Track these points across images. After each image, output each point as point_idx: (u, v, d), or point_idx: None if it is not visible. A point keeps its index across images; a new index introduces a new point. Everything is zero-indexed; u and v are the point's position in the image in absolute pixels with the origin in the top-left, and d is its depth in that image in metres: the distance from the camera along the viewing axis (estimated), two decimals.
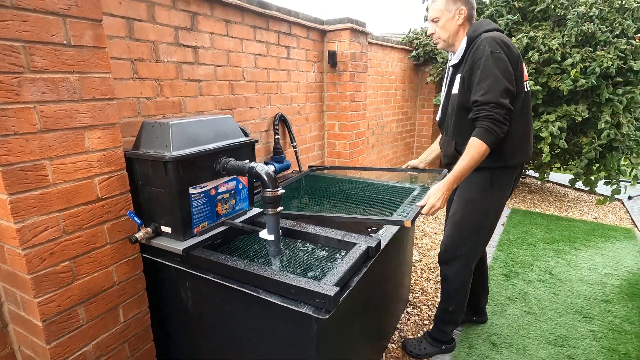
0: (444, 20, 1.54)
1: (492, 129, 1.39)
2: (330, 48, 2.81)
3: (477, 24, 1.53)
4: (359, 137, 3.09)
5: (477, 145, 1.40)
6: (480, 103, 1.41)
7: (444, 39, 1.57)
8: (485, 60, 1.40)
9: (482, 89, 1.40)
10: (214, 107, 1.91)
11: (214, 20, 1.83)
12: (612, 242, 3.19)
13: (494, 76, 1.39)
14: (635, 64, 3.27)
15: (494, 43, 1.41)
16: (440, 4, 1.53)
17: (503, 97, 1.38)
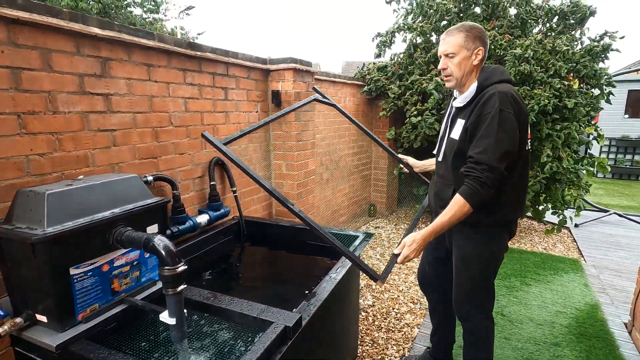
0: (460, 57, 1.42)
1: (478, 191, 1.32)
2: (274, 87, 2.73)
3: (489, 71, 1.44)
4: (307, 176, 2.99)
5: (461, 204, 1.34)
6: (474, 161, 1.34)
7: (457, 77, 1.45)
8: (492, 116, 1.32)
9: (481, 147, 1.33)
10: (132, 158, 1.74)
11: (132, 65, 1.69)
12: (561, 275, 3.23)
13: (497, 136, 1.31)
14: (569, 102, 3.45)
15: (506, 100, 1.33)
16: (459, 39, 1.41)
17: (499, 161, 1.31)
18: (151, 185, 1.82)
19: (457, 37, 1.42)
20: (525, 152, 1.46)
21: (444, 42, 1.46)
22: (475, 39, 1.41)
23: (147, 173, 1.81)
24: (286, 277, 2.02)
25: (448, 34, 1.45)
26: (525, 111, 1.41)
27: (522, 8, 3.90)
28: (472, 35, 1.41)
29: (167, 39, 1.85)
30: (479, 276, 1.56)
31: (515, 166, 1.42)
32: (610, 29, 3.75)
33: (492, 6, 3.96)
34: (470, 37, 1.41)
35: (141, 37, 1.70)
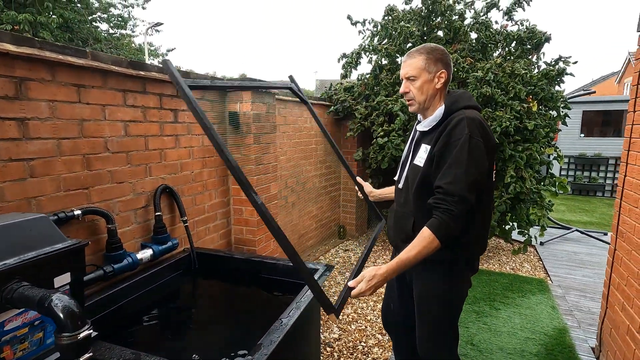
0: (421, 81, 1.34)
1: (448, 225, 1.21)
2: (232, 109, 2.59)
3: (456, 96, 1.36)
4: (270, 201, 2.83)
5: (429, 240, 1.21)
6: (444, 192, 1.23)
7: (420, 101, 1.37)
8: (462, 144, 1.23)
9: (449, 177, 1.23)
10: (56, 190, 1.52)
11: (57, 85, 1.50)
12: (529, 297, 3.20)
13: (466, 166, 1.22)
14: (529, 124, 3.52)
15: (475, 127, 1.25)
16: (419, 62, 1.33)
17: (469, 192, 1.21)
18: (80, 220, 1.60)
19: (417, 60, 1.34)
20: (490, 184, 1.38)
21: (405, 64, 1.37)
22: (437, 61, 1.34)
23: (74, 206, 1.59)
24: (239, 317, 1.82)
25: (409, 56, 1.37)
26: (493, 140, 1.34)
27: (482, 33, 4.01)
28: (434, 58, 1.33)
29: (103, 58, 1.67)
30: (442, 317, 1.44)
31: (482, 198, 1.33)
32: (563, 54, 3.91)
33: (454, 30, 4.05)
34: (431, 60, 1.33)
35: (69, 55, 1.52)
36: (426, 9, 4.03)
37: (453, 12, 4.05)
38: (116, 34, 14.57)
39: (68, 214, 1.52)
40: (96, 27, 13.46)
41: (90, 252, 1.69)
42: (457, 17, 4.07)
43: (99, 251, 1.73)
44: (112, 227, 1.70)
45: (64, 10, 11.12)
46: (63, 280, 1.11)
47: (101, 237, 1.73)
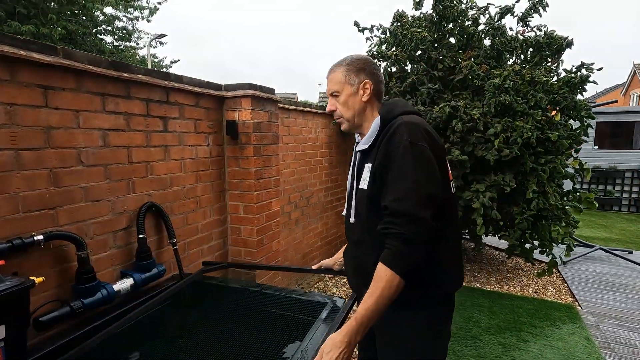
0: (345, 95, 1.17)
1: (404, 254, 0.95)
2: (230, 117, 2.35)
3: (391, 104, 1.17)
4: (270, 219, 2.56)
5: (387, 278, 0.95)
6: (391, 213, 0.99)
7: (348, 118, 1.18)
8: (402, 152, 1.01)
9: (396, 193, 0.99)
10: (12, 211, 1.26)
11: (17, 86, 1.26)
12: (558, 327, 2.87)
13: (413, 177, 0.99)
14: (552, 135, 3.26)
15: (415, 130, 1.04)
16: (339, 75, 1.17)
17: (423, 208, 0.97)
18: (42, 247, 1.33)
19: (337, 73, 1.19)
20: (449, 196, 1.13)
21: (328, 80, 1.22)
22: (358, 71, 1.17)
23: (36, 230, 1.33)
24: None
25: (330, 71, 1.22)
26: (441, 145, 1.11)
27: (497, 39, 3.78)
28: (354, 68, 1.17)
29: (77, 56, 1.44)
30: None
31: (444, 214, 1.07)
32: (585, 60, 3.67)
33: (467, 36, 3.84)
34: (352, 71, 1.17)
35: (33, 51, 1.28)
36: (437, 14, 3.82)
37: (466, 18, 3.84)
38: (120, 46, 14.59)
39: (26, 240, 1.26)
40: (100, 39, 13.48)
41: (56, 285, 1.42)
42: (471, 22, 3.86)
43: (67, 282, 1.46)
44: (83, 254, 1.44)
45: (67, 23, 11.12)
46: None
47: (70, 266, 1.46)
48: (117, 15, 13.82)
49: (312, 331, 1.40)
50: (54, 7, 11.24)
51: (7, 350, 0.86)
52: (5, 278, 0.89)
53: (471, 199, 3.33)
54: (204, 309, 1.82)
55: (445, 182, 1.08)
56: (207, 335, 1.70)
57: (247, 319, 1.73)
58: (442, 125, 3.43)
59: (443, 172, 1.08)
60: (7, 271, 1.21)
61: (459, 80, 3.67)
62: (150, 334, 1.61)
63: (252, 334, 1.64)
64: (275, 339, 1.47)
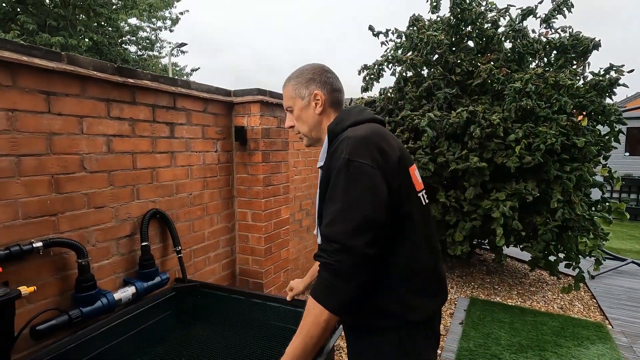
0: (297, 109, 1.11)
1: (333, 287, 0.85)
2: (238, 123, 2.32)
3: (343, 115, 1.07)
4: (279, 226, 2.50)
5: (314, 313, 0.86)
6: (325, 238, 0.89)
7: (305, 132, 1.12)
8: (338, 171, 0.91)
9: (329, 216, 0.89)
10: (12, 217, 1.25)
11: (18, 92, 1.26)
12: (587, 347, 2.66)
13: (346, 199, 0.88)
14: (579, 141, 3.07)
15: (357, 145, 0.92)
16: (289, 90, 1.12)
17: (355, 235, 0.85)
18: (42, 255, 1.32)
19: (287, 88, 1.13)
20: (419, 212, 0.99)
21: (282, 95, 1.17)
22: (308, 82, 1.09)
23: (36, 237, 1.32)
24: None
25: (283, 86, 1.16)
26: (395, 156, 0.95)
27: (518, 41, 3.63)
28: (303, 80, 1.10)
29: (82, 62, 1.43)
30: None
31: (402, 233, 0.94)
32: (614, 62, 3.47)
33: (487, 39, 3.70)
34: (301, 83, 1.10)
35: (36, 57, 1.28)
36: (454, 17, 3.70)
37: (485, 20, 3.71)
38: (144, 56, 15.08)
39: (24, 247, 1.24)
40: (125, 49, 13.98)
41: (56, 293, 1.40)
42: (490, 25, 3.73)
43: (67, 290, 1.44)
44: (84, 262, 1.41)
45: (94, 34, 11.58)
46: None
47: (71, 274, 1.44)
48: (140, 25, 14.32)
49: None
50: (82, 19, 11.75)
51: None
52: None
53: (490, 208, 3.18)
54: (202, 319, 1.77)
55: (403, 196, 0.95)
56: (202, 345, 1.64)
57: (245, 331, 1.66)
58: (459, 131, 3.30)
59: (403, 182, 0.95)
60: (4, 280, 1.19)
61: (478, 85, 3.53)
62: (141, 347, 1.57)
63: (250, 346, 1.58)
64: (275, 352, 1.40)
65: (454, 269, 4.25)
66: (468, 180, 3.33)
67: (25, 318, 1.27)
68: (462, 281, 3.95)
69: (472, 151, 3.28)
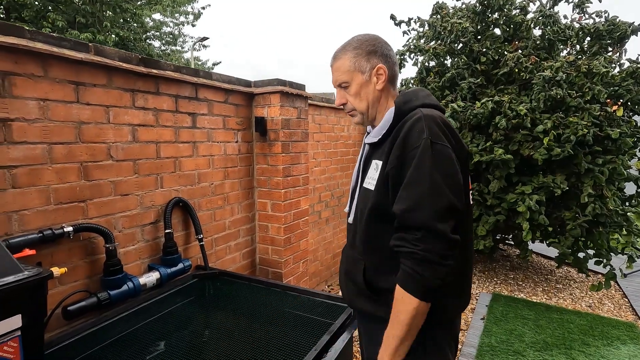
0: (356, 85, 1.01)
1: (419, 276, 0.83)
2: (259, 114, 2.33)
3: (410, 93, 1.00)
4: (299, 217, 2.51)
5: (405, 301, 0.85)
6: (401, 225, 0.86)
7: (362, 110, 1.03)
8: (422, 152, 0.86)
9: (410, 200, 0.84)
10: (44, 203, 1.31)
11: (50, 82, 1.30)
12: (617, 347, 2.55)
13: (432, 182, 0.84)
14: (613, 132, 2.91)
15: (436, 128, 0.88)
16: (347, 62, 1.00)
17: (442, 220, 0.82)
18: (72, 239, 1.37)
19: (344, 60, 1.01)
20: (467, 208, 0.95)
21: (333, 69, 1.05)
22: (369, 55, 1.00)
23: (67, 222, 1.37)
24: None
25: (335, 58, 1.04)
26: (465, 147, 0.95)
27: (549, 28, 3.46)
28: (364, 52, 1.00)
29: (108, 53, 1.47)
30: None
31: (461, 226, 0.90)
32: None
33: (514, 26, 3.55)
34: (361, 55, 1.00)
35: (65, 48, 1.32)
36: (480, 4, 3.57)
37: (513, 6, 3.56)
38: (167, 50, 15.40)
39: (56, 232, 1.30)
40: (149, 44, 14.31)
41: (85, 276, 1.46)
42: (518, 11, 3.57)
43: (96, 274, 1.50)
44: (111, 247, 1.47)
45: (120, 30, 11.92)
46: (10, 326, 0.85)
47: (99, 258, 1.50)
48: (164, 21, 14.59)
49: (328, 334, 1.33)
50: (109, 16, 12.09)
51: (24, 339, 0.87)
52: (26, 268, 0.91)
53: (516, 201, 3.08)
54: (222, 306, 1.81)
55: (465, 191, 0.93)
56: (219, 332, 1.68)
57: (263, 318, 1.68)
58: (483, 122, 3.20)
59: (465, 179, 0.93)
60: (38, 261, 1.25)
61: (504, 74, 3.41)
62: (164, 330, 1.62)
63: (267, 332, 1.60)
64: (290, 339, 1.41)
65: (476, 264, 4.16)
66: (492, 172, 3.23)
67: (57, 298, 1.33)
68: (484, 276, 3.86)
69: (497, 143, 3.18)
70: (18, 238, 1.20)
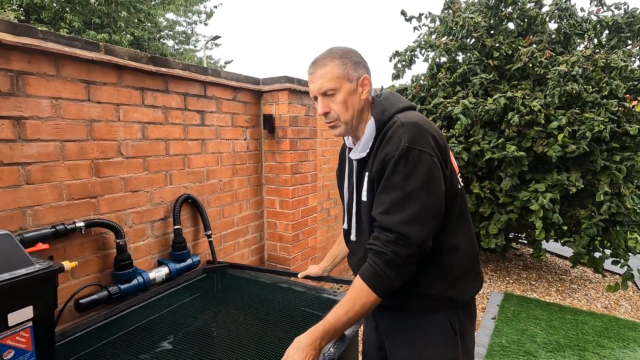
0: (344, 93, 0.99)
1: (385, 274, 0.88)
2: (267, 111, 2.34)
3: (383, 101, 1.01)
4: (307, 214, 2.52)
5: (361, 293, 0.90)
6: (379, 226, 0.91)
7: (347, 120, 1.01)
8: (397, 160, 0.89)
9: (384, 205, 0.90)
10: (57, 199, 1.35)
11: (62, 81, 1.34)
12: (634, 349, 2.48)
13: (405, 187, 0.88)
14: (632, 128, 2.82)
15: (415, 131, 0.90)
16: (336, 69, 0.98)
17: (413, 226, 0.87)
18: (83, 234, 1.41)
19: (332, 67, 0.99)
20: (456, 191, 0.99)
21: (316, 76, 1.01)
22: (356, 65, 1.00)
23: (79, 218, 1.41)
24: None
25: (318, 66, 1.01)
26: (443, 141, 0.96)
27: (565, 21, 3.37)
28: (351, 61, 1.00)
29: (118, 52, 1.50)
30: None
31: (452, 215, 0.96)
32: None
33: (529, 20, 3.47)
34: (349, 64, 0.99)
35: (77, 48, 1.35)
36: None
37: (527, 0, 3.47)
38: (180, 49, 15.61)
39: (68, 227, 1.34)
40: (163, 43, 14.53)
41: (97, 270, 1.50)
42: (533, 4, 3.49)
43: (107, 269, 1.53)
44: (122, 242, 1.50)
45: (135, 29, 12.13)
46: (22, 317, 0.88)
47: (109, 253, 1.54)
48: (177, 20, 14.78)
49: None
50: (124, 16, 12.31)
51: (35, 329, 0.90)
52: (38, 261, 0.94)
53: (529, 199, 3.01)
54: (227, 301, 1.83)
55: (451, 179, 0.96)
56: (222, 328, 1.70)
57: (267, 314, 1.70)
58: (496, 118, 3.14)
59: (448, 168, 0.96)
60: (50, 255, 1.29)
61: (518, 69, 3.33)
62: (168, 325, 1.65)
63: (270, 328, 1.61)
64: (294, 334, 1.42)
65: (487, 263, 4.10)
66: (504, 170, 3.17)
67: (70, 291, 1.37)
68: (495, 275, 3.80)
69: (510, 140, 3.12)
70: (32, 232, 1.24)
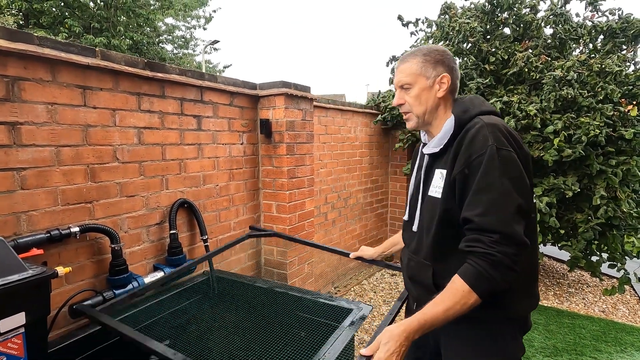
0: (418, 88, 1.05)
1: (490, 276, 0.87)
2: (264, 116, 2.35)
3: (466, 102, 1.06)
4: (304, 218, 2.52)
5: (463, 294, 0.88)
6: (476, 228, 0.91)
7: (418, 114, 1.07)
8: (488, 160, 0.91)
9: (482, 206, 0.90)
10: (51, 204, 1.35)
11: (58, 86, 1.34)
12: (631, 354, 2.48)
13: (502, 188, 0.90)
14: (627, 132, 2.84)
15: (499, 134, 0.93)
16: (414, 66, 1.05)
17: (513, 222, 0.88)
18: (78, 239, 1.41)
19: (411, 64, 1.07)
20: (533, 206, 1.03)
21: (398, 70, 1.10)
22: (436, 63, 1.05)
23: (74, 222, 1.41)
24: None
25: (402, 61, 1.09)
26: (526, 150, 0.99)
27: (560, 27, 3.40)
28: (432, 60, 1.06)
29: (114, 57, 1.50)
30: None
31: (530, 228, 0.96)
32: None
33: (524, 25, 3.49)
34: (429, 62, 1.05)
35: (73, 53, 1.36)
36: (489, 3, 3.53)
37: (523, 5, 3.50)
38: (179, 54, 15.65)
39: (63, 232, 1.34)
40: (162, 47, 14.57)
41: (92, 275, 1.50)
42: (528, 10, 3.52)
43: (102, 274, 1.53)
44: (117, 247, 1.50)
45: (134, 34, 12.16)
46: (14, 323, 0.88)
47: (104, 258, 1.53)
48: (176, 24, 14.83)
49: (334, 337, 1.33)
50: (123, 20, 12.35)
51: (27, 336, 0.90)
52: (31, 267, 0.94)
53: None
54: (225, 306, 1.83)
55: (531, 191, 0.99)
56: (221, 332, 1.70)
57: (267, 319, 1.69)
58: None
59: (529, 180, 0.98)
60: (44, 260, 1.29)
61: (514, 74, 3.35)
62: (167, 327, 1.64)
63: (271, 334, 1.61)
64: (294, 342, 1.42)
65: None
66: None
67: (64, 297, 1.37)
68: None
69: None
70: (26, 238, 1.24)
